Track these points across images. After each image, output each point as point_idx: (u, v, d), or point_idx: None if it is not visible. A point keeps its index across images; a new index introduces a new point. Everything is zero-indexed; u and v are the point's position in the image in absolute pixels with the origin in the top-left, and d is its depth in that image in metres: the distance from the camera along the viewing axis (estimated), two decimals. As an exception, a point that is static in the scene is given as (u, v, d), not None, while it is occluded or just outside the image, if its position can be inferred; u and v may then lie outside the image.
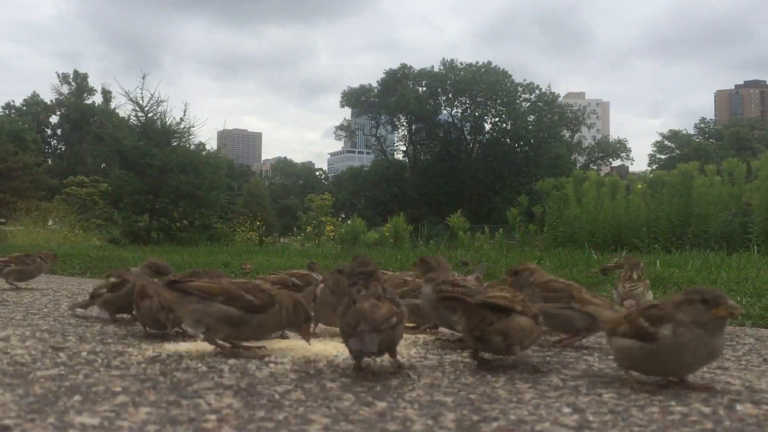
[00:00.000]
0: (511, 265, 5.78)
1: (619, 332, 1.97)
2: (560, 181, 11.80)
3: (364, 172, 67.31)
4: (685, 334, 1.82)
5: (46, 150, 64.78)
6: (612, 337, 2.01)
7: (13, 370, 1.98)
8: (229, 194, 17.24)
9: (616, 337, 1.98)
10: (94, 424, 1.43)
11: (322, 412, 1.56)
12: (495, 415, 1.57)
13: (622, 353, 1.95)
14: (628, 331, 1.93)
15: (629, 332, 1.93)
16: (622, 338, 1.94)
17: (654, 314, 1.90)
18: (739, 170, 9.53)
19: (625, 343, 1.93)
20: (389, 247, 11.66)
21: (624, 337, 1.94)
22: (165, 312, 2.57)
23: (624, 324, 1.96)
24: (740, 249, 7.88)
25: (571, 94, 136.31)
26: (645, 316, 1.91)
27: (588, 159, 68.18)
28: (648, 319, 1.90)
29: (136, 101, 15.51)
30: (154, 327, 2.70)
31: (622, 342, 1.94)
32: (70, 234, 18.99)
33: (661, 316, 1.87)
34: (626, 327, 1.95)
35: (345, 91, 66.26)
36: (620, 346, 1.95)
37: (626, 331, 1.94)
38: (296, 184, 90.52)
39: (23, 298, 4.19)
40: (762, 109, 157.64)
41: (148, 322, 2.70)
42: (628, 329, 1.94)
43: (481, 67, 63.12)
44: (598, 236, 9.86)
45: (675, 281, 4.52)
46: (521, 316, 2.11)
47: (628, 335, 1.93)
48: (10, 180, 38.62)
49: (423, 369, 2.12)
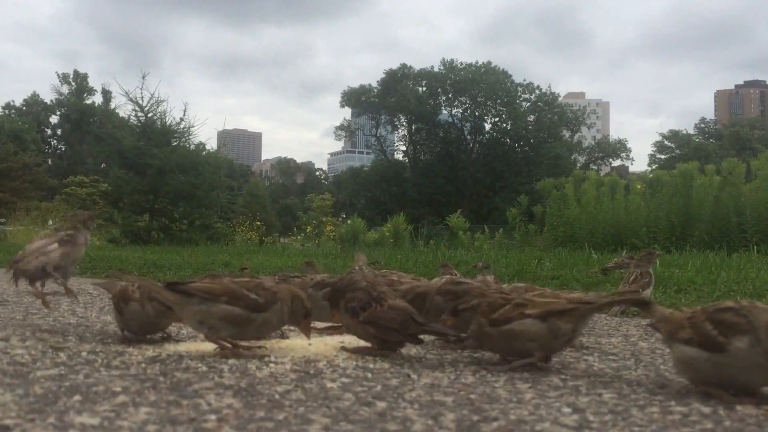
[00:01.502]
0: (511, 264, 5.80)
1: (680, 338, 1.72)
2: (560, 181, 11.80)
3: (364, 172, 67.27)
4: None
5: (46, 150, 64.75)
6: (672, 342, 1.76)
7: (13, 370, 1.98)
8: (229, 194, 17.26)
9: (676, 344, 1.73)
10: (94, 424, 1.42)
11: (322, 412, 1.56)
12: (495, 415, 1.57)
13: (684, 363, 1.72)
14: (691, 337, 1.69)
15: (693, 339, 1.69)
16: (685, 346, 1.70)
17: (726, 320, 1.63)
18: (739, 170, 9.53)
19: (687, 353, 1.70)
20: (389, 247, 11.66)
21: (686, 344, 1.70)
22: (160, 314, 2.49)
23: (686, 328, 1.72)
24: (740, 249, 7.89)
25: (571, 94, 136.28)
26: (713, 321, 1.65)
27: (588, 159, 68.14)
28: (717, 326, 1.64)
29: (136, 101, 15.52)
30: (141, 331, 2.59)
31: (685, 351, 1.70)
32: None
33: (735, 325, 1.61)
34: (689, 332, 1.70)
35: (345, 91, 66.24)
36: (682, 355, 1.72)
37: (689, 338, 1.70)
38: (296, 184, 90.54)
39: (23, 298, 4.19)
40: (762, 109, 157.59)
41: (134, 327, 2.57)
42: (691, 335, 1.70)
43: (481, 67, 63.08)
44: (598, 236, 9.86)
45: (675, 281, 4.52)
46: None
47: (691, 343, 1.69)
48: (10, 180, 38.64)
49: (423, 369, 2.12)
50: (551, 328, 2.01)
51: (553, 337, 2.01)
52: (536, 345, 2.03)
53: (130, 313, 2.54)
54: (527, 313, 2.04)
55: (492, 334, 2.09)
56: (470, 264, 5.69)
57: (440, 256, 7.34)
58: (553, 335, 2.01)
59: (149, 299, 2.49)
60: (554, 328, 2.01)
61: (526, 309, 2.05)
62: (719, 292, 4.06)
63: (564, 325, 2.01)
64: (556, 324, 2.01)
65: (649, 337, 2.88)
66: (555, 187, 11.47)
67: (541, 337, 2.02)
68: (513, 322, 2.05)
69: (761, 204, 8.67)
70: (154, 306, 2.48)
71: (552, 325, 2.01)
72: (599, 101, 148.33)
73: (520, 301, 2.09)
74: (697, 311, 1.76)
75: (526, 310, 2.05)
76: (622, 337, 2.88)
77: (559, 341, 2.05)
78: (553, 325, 2.01)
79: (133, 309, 2.52)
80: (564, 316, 2.01)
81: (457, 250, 9.47)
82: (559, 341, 2.05)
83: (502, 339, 2.09)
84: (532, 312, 2.03)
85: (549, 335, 2.01)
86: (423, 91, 63.42)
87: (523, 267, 5.69)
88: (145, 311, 2.50)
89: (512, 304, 2.09)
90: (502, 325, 2.06)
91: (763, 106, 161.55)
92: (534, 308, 2.04)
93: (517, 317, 2.05)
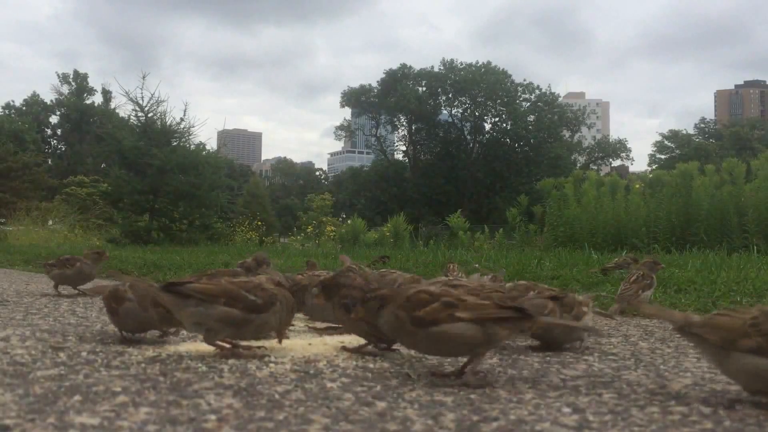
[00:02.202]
0: (511, 264, 5.80)
1: (744, 346, 1.58)
2: (560, 181, 11.83)
3: (364, 172, 67.29)
4: None
5: (46, 150, 64.72)
6: (731, 352, 1.60)
7: (13, 370, 1.98)
8: (229, 194, 17.27)
9: (739, 354, 1.58)
10: (94, 424, 1.42)
11: (322, 412, 1.56)
12: (495, 415, 1.57)
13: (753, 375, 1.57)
14: (760, 345, 1.55)
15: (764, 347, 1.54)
16: (752, 356, 1.55)
17: None
18: (739, 170, 9.54)
19: (759, 363, 1.55)
20: (389, 247, 11.67)
21: (755, 354, 1.55)
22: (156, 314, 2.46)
23: (752, 336, 1.57)
24: (740, 249, 7.89)
25: (571, 94, 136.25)
26: None
27: (588, 159, 68.12)
28: None
29: (136, 101, 15.56)
30: (136, 330, 2.57)
31: (754, 361, 1.55)
32: (70, 234, 19.02)
33: None
34: (757, 341, 1.55)
35: (345, 91, 66.26)
36: (751, 366, 1.57)
37: (757, 347, 1.55)
38: (296, 184, 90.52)
39: (23, 298, 4.19)
40: (762, 109, 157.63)
41: (129, 326, 2.55)
42: (761, 344, 1.55)
43: (481, 67, 63.09)
44: (598, 236, 9.86)
45: (675, 281, 4.52)
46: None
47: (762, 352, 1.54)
48: (10, 180, 38.61)
49: (423, 369, 2.12)
50: (487, 332, 1.87)
51: (488, 342, 1.90)
52: (468, 348, 1.91)
53: (125, 313, 2.52)
54: (459, 317, 1.88)
55: (416, 333, 1.92)
56: (470, 264, 5.69)
57: (440, 256, 7.34)
58: (488, 340, 1.89)
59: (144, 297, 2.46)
60: (491, 333, 1.88)
61: (457, 311, 1.89)
62: (719, 292, 4.06)
63: (502, 331, 1.90)
64: (494, 329, 1.88)
65: (649, 337, 2.88)
66: (555, 187, 11.48)
67: (477, 341, 1.89)
68: (442, 324, 1.88)
69: (761, 204, 8.67)
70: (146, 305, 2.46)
71: (489, 329, 1.88)
72: (599, 101, 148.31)
73: (450, 301, 1.91)
74: (757, 315, 1.61)
75: (458, 312, 1.89)
76: (622, 337, 2.88)
77: (496, 344, 1.97)
78: (489, 330, 1.88)
79: (128, 308, 2.50)
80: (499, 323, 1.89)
81: (457, 250, 9.47)
82: (495, 344, 1.96)
83: (429, 340, 1.91)
84: (464, 315, 1.87)
85: (485, 339, 1.88)
86: (423, 91, 63.42)
87: (523, 267, 5.69)
88: (140, 309, 2.47)
89: (441, 303, 1.91)
90: (430, 326, 1.88)
91: (763, 106, 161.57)
92: (466, 311, 1.88)
93: (446, 319, 1.88)
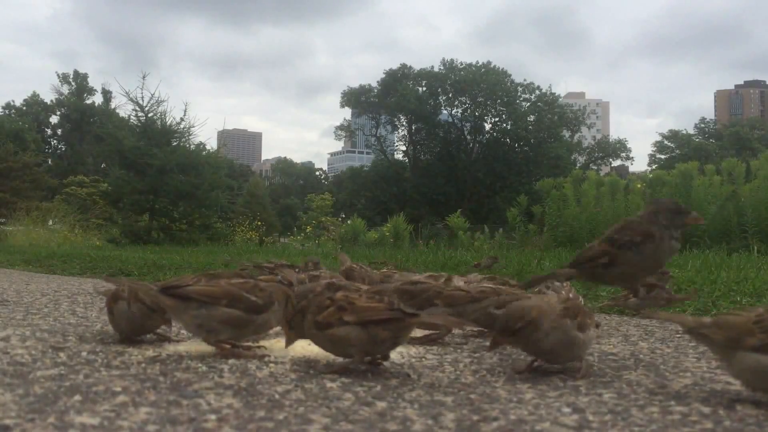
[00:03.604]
0: (511, 264, 5.80)
1: (750, 345, 1.56)
2: (560, 181, 11.82)
3: (364, 172, 67.32)
4: None
5: (46, 150, 64.73)
6: (737, 351, 1.59)
7: (13, 370, 1.98)
8: (229, 194, 17.27)
9: (745, 353, 1.57)
10: (94, 424, 1.42)
11: (322, 412, 1.56)
12: (495, 415, 1.57)
13: (758, 373, 1.56)
14: (764, 344, 1.54)
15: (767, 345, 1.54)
16: (757, 354, 1.55)
17: None
18: (739, 170, 9.54)
19: (764, 361, 1.54)
20: (389, 247, 11.67)
21: (760, 352, 1.54)
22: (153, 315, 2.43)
23: (757, 333, 1.57)
24: (740, 249, 7.89)
25: (571, 94, 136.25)
26: None
27: (588, 159, 68.16)
28: None
29: (136, 101, 15.57)
30: (134, 332, 2.53)
31: (760, 359, 1.54)
32: (70, 234, 19.01)
33: None
34: (761, 338, 1.55)
35: (345, 91, 66.29)
36: (757, 365, 1.56)
37: (761, 345, 1.55)
38: (296, 184, 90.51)
39: (23, 298, 4.19)
40: (762, 109, 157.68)
41: (125, 327, 2.52)
42: (765, 341, 1.55)
43: (481, 67, 63.11)
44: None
45: (675, 281, 4.51)
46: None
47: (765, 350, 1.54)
48: (10, 180, 38.62)
49: (423, 369, 2.12)
50: (371, 334, 1.97)
51: (374, 343, 1.99)
52: (357, 349, 2.00)
53: (118, 313, 2.50)
54: (345, 320, 1.99)
55: (318, 336, 2.07)
56: (470, 264, 5.69)
57: (440, 256, 7.34)
58: (373, 341, 1.99)
59: (136, 300, 2.42)
60: (374, 334, 1.97)
61: (345, 314, 2.00)
62: (719, 292, 4.06)
63: (382, 332, 1.98)
64: (375, 331, 1.97)
65: (649, 337, 2.88)
66: (555, 187, 11.48)
67: (362, 342, 1.99)
68: (334, 327, 2.01)
69: (761, 204, 8.67)
70: (140, 307, 2.42)
71: (372, 331, 1.97)
72: (599, 101, 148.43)
73: (342, 304, 2.03)
74: (761, 314, 1.61)
75: (345, 315, 2.00)
76: (622, 337, 2.88)
77: (382, 346, 2.03)
78: (372, 332, 1.97)
79: (121, 308, 2.48)
80: (382, 325, 1.97)
81: (457, 250, 9.47)
82: (381, 346, 2.03)
83: (326, 342, 2.06)
84: (349, 319, 1.98)
85: (369, 341, 1.98)
86: (423, 91, 63.45)
87: (523, 267, 5.69)
88: (131, 311, 2.44)
89: (335, 307, 2.03)
90: (326, 329, 2.03)
91: (763, 106, 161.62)
92: (352, 315, 1.99)
93: (336, 323, 2.00)
